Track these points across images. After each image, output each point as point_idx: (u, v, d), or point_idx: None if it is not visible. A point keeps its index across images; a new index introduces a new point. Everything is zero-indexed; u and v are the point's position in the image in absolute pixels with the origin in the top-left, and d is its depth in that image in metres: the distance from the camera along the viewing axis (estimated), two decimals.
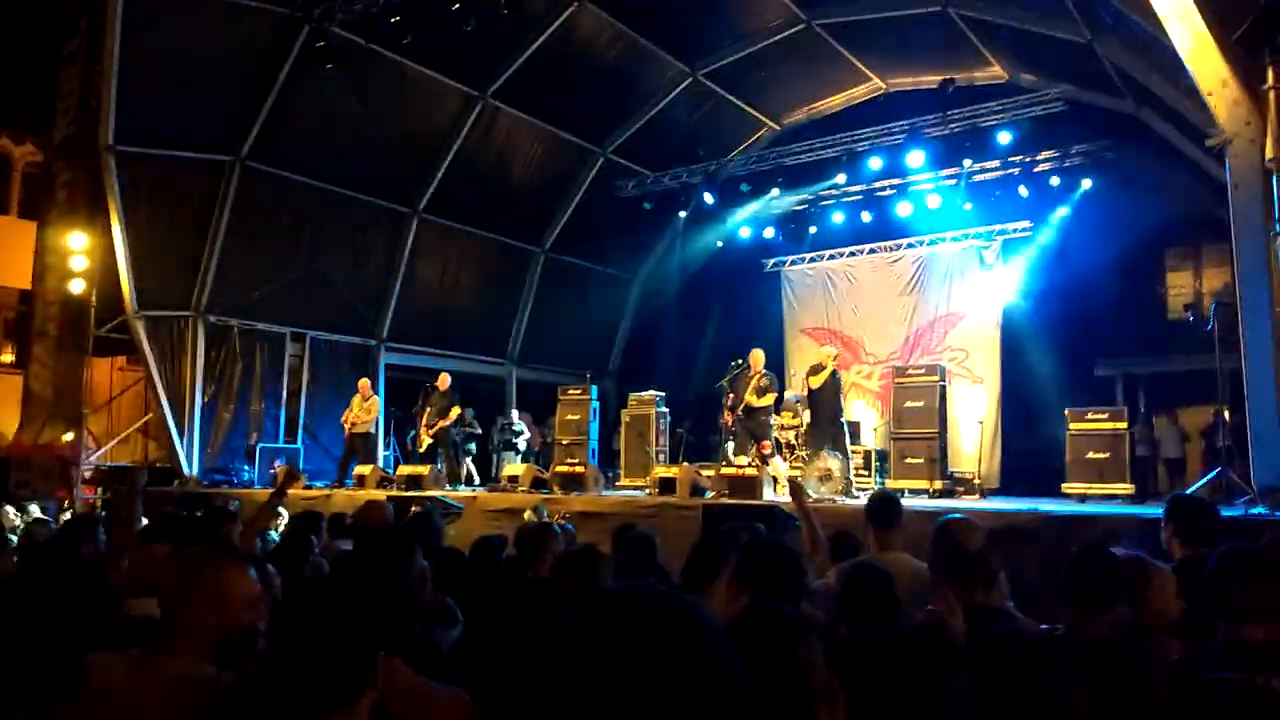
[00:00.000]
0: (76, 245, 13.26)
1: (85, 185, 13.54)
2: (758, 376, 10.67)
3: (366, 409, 12.65)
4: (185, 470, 12.72)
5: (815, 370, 10.83)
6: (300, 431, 14.08)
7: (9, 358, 19.78)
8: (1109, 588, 2.79)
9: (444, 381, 12.76)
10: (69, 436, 13.45)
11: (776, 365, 13.31)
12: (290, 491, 11.49)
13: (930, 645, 2.58)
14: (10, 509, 7.57)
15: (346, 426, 12.61)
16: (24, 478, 12.45)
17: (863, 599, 2.86)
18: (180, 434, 12.84)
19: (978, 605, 2.58)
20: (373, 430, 12.80)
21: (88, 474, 12.95)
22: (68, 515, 10.39)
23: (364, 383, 13.01)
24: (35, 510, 8.09)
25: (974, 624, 2.47)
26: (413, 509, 7.62)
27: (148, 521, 5.91)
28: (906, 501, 8.60)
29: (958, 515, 2.87)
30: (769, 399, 10.73)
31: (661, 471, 10.68)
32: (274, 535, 5.66)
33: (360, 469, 12.33)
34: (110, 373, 15.01)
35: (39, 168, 17.97)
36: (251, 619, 2.25)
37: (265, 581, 2.40)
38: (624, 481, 12.56)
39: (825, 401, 10.65)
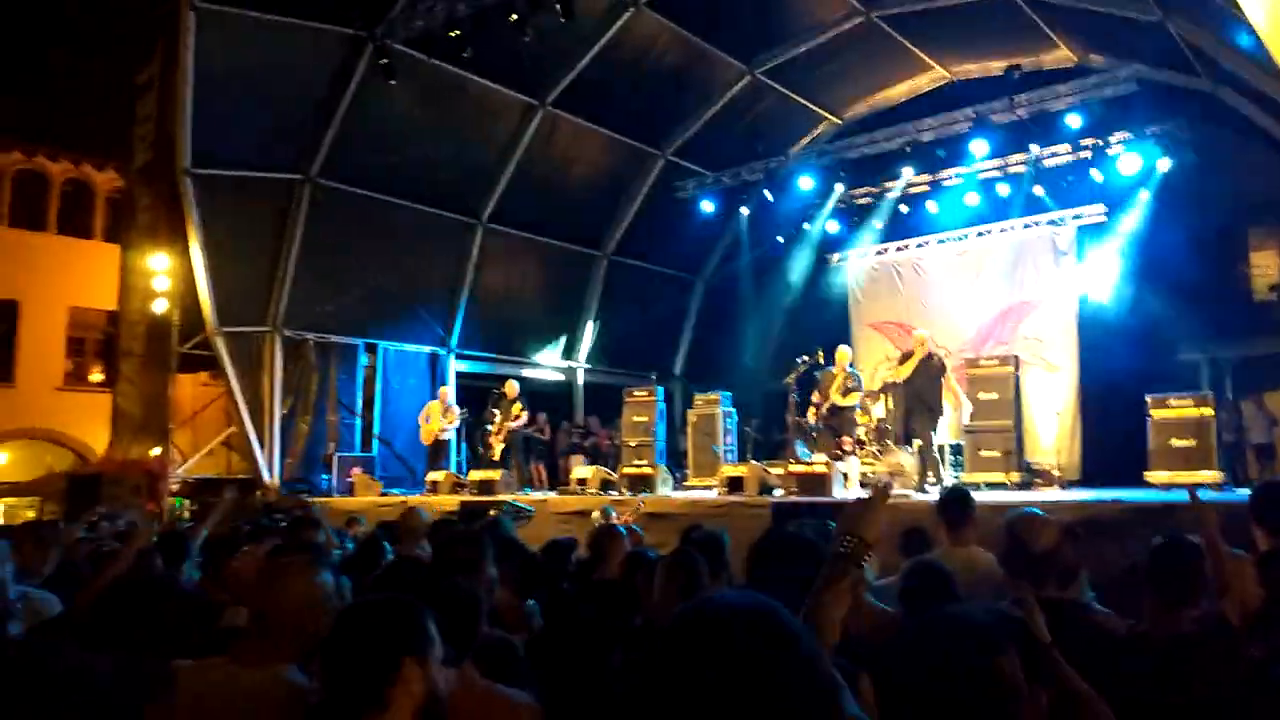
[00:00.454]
0: (158, 266, 13.74)
1: (165, 208, 14.01)
2: (843, 375, 10.59)
3: (449, 418, 12.91)
4: (266, 480, 13.09)
5: (905, 357, 10.41)
6: (375, 440, 14.38)
7: (99, 377, 20.59)
8: (1191, 581, 2.71)
9: (512, 388, 12.93)
10: (156, 451, 13.94)
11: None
12: (366, 498, 11.73)
13: None
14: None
15: (434, 434, 12.86)
16: (115, 492, 12.97)
17: (921, 596, 2.82)
18: (261, 446, 13.21)
19: (1051, 599, 2.53)
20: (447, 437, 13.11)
21: (175, 487, 13.41)
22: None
23: (445, 390, 13.29)
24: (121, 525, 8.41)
25: (1045, 619, 2.42)
26: (491, 513, 7.75)
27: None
28: (984, 495, 8.47)
29: (1029, 510, 2.81)
30: (854, 398, 10.69)
31: (729, 471, 10.66)
32: (350, 543, 5.79)
33: (434, 475, 12.57)
34: (193, 388, 15.52)
35: (120, 193, 18.72)
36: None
37: (339, 590, 2.45)
38: (692, 481, 12.55)
39: (917, 388, 9.99)
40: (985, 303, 14.65)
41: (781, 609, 1.04)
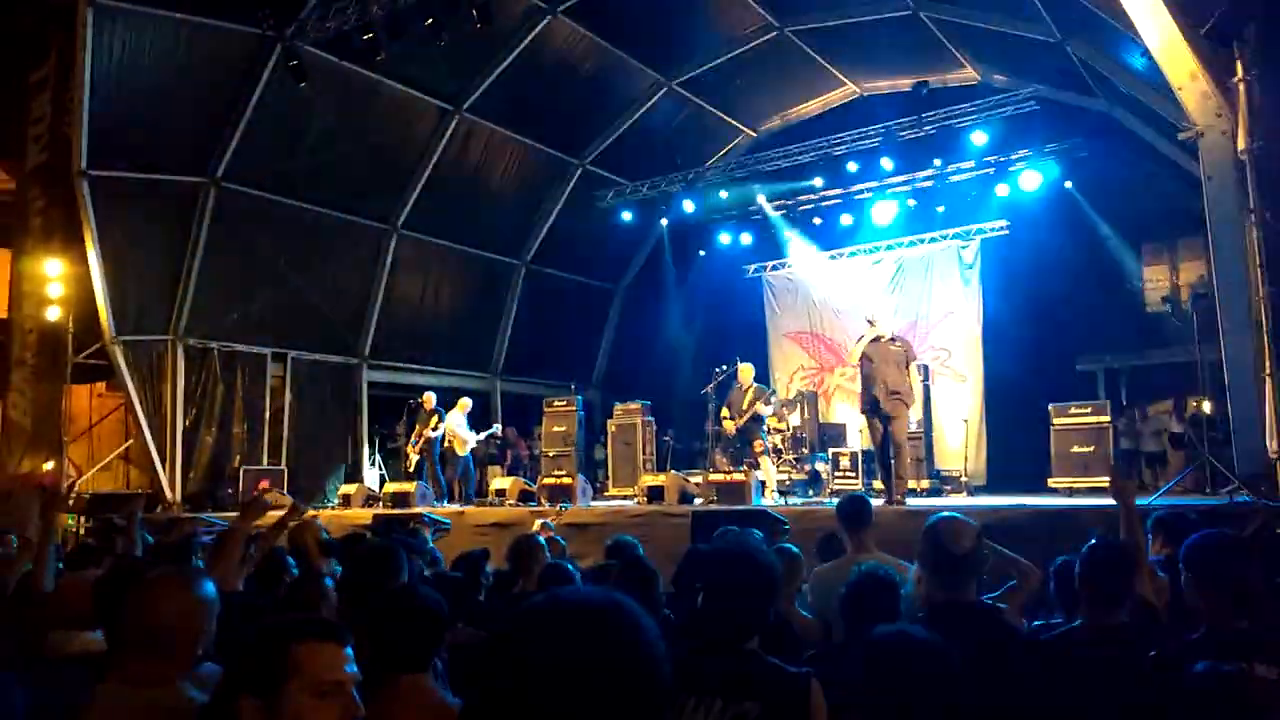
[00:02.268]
0: (52, 272, 13.12)
1: (60, 212, 13.38)
2: (752, 390, 10.68)
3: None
4: (169, 496, 12.59)
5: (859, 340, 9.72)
6: (284, 452, 13.96)
7: None
8: (1125, 579, 2.80)
9: (429, 400, 12.73)
10: (49, 465, 13.29)
11: (761, 370, 13.33)
12: (275, 514, 11.37)
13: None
14: None
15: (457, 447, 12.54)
16: (4, 508, 12.28)
17: (866, 606, 2.85)
18: (162, 459, 12.71)
19: (968, 603, 2.59)
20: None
21: (70, 502, 12.78)
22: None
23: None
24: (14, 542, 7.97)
25: (960, 621, 2.47)
26: (411, 525, 7.60)
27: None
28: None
29: (949, 514, 2.87)
30: (770, 408, 10.85)
31: (649, 480, 10.67)
32: None
33: (346, 488, 12.31)
34: (90, 399, 14.84)
35: (12, 195, 17.81)
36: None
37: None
38: (612, 491, 12.54)
39: (876, 373, 9.03)
40: (896, 314, 15.00)
41: (627, 603, 1.05)
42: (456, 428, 12.62)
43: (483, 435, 12.89)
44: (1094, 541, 2.83)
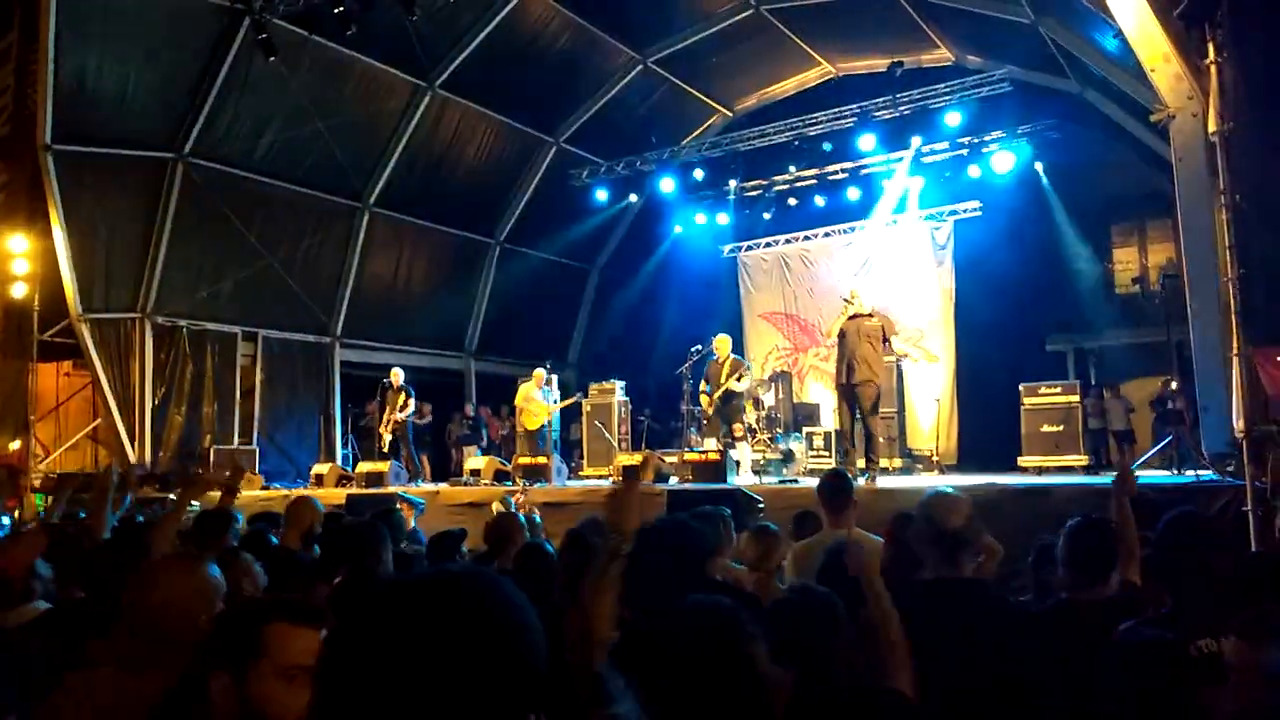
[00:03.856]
0: (17, 249, 12.88)
1: (24, 187, 13.12)
2: (728, 362, 10.69)
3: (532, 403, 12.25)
4: (138, 474, 12.45)
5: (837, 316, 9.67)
6: (255, 431, 13.84)
7: None
8: (1108, 557, 2.85)
9: (396, 377, 12.60)
10: (16, 445, 13.10)
11: (736, 349, 13.35)
12: (246, 493, 11.27)
13: None
14: None
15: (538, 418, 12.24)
16: None
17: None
18: (131, 438, 12.56)
19: (962, 579, 2.61)
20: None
21: (36, 482, 12.62)
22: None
23: (541, 382, 12.58)
24: None
25: (952, 596, 2.50)
26: (398, 505, 7.56)
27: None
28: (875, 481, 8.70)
29: (942, 490, 2.90)
30: (746, 380, 10.82)
31: (624, 459, 10.68)
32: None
33: (318, 467, 12.22)
34: (57, 378, 14.63)
35: None
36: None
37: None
38: (587, 471, 12.54)
39: (851, 352, 8.99)
40: (870, 294, 15.05)
41: (502, 582, 1.00)
42: (525, 401, 12.35)
43: (556, 409, 12.42)
44: (1077, 519, 2.87)
